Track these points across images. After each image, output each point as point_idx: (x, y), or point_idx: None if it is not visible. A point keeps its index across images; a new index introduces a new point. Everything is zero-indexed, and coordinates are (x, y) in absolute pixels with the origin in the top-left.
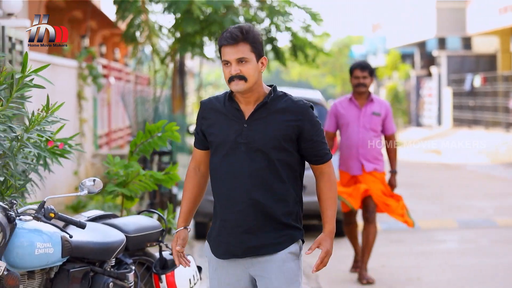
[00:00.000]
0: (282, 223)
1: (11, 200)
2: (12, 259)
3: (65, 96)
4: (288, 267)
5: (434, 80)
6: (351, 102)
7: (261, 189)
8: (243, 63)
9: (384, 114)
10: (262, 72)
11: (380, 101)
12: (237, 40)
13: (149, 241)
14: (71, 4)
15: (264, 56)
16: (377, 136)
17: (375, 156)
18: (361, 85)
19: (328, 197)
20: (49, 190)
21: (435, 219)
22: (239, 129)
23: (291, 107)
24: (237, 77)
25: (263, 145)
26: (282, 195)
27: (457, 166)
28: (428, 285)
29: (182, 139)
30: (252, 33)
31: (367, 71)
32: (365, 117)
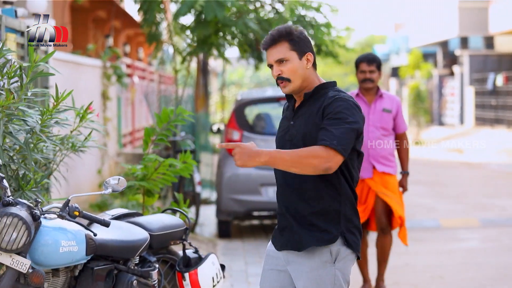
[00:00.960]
0: (311, 224)
1: (36, 199)
2: (37, 257)
3: (90, 95)
4: (316, 275)
5: (457, 79)
6: (359, 98)
7: (298, 186)
8: (283, 63)
9: (395, 111)
10: (309, 68)
11: (391, 97)
12: (274, 41)
13: (173, 239)
14: (96, 4)
15: (309, 52)
16: (388, 135)
17: (387, 157)
18: (368, 81)
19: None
20: (73, 188)
21: (457, 218)
22: (287, 127)
23: (321, 100)
24: (279, 78)
25: (300, 140)
26: (312, 193)
27: (479, 165)
28: (451, 284)
29: (205, 138)
30: (290, 31)
31: (374, 65)
32: (375, 114)
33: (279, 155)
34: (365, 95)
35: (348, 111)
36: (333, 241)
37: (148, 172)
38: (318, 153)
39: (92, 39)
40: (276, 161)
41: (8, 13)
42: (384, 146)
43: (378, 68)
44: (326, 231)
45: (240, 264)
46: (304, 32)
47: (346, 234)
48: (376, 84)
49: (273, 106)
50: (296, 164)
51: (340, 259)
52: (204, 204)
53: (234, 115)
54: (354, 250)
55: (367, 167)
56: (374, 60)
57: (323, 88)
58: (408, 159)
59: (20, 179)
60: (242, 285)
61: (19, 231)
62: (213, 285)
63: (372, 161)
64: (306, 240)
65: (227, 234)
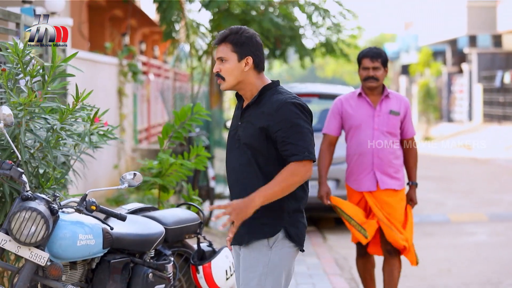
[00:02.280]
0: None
1: (54, 193)
2: (55, 250)
3: (106, 92)
4: (252, 257)
5: (465, 77)
6: (361, 98)
7: (242, 184)
8: (223, 62)
9: (404, 113)
10: (247, 71)
11: (398, 97)
12: (221, 41)
13: (188, 233)
14: (112, 3)
15: (250, 56)
16: (396, 142)
17: (394, 167)
18: (371, 79)
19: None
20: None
21: (466, 213)
22: (236, 126)
23: (268, 105)
24: (217, 75)
25: (246, 142)
26: (255, 189)
27: (487, 161)
28: (459, 277)
29: (219, 134)
30: (236, 34)
31: (379, 61)
32: (380, 117)
33: (269, 191)
34: (369, 95)
35: (299, 116)
36: (273, 234)
37: (163, 168)
38: (297, 170)
39: (109, 37)
40: (270, 197)
41: (27, 12)
42: (390, 154)
43: (384, 65)
44: (267, 224)
45: None
46: (252, 37)
47: (289, 228)
48: (381, 83)
49: None
50: (286, 189)
51: (277, 245)
52: (218, 199)
53: None
54: (297, 244)
55: (370, 178)
56: (378, 55)
57: (267, 90)
58: (416, 168)
59: (40, 177)
60: None
61: (37, 225)
62: (226, 277)
63: (376, 172)
64: (246, 237)
65: None
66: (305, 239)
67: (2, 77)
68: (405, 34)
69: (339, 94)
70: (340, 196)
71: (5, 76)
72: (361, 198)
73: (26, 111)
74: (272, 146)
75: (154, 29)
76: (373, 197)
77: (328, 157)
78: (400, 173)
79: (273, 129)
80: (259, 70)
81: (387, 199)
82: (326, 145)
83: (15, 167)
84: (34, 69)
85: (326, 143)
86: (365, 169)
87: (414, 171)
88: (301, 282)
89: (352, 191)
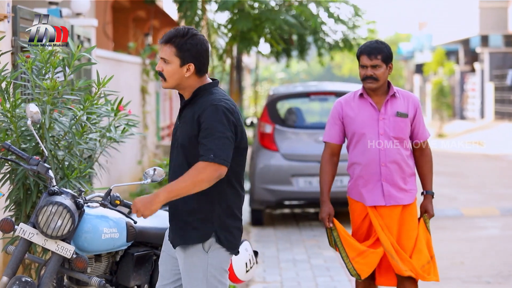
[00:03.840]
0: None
1: (79, 188)
2: (80, 243)
3: (130, 90)
4: (190, 262)
5: (477, 76)
6: (363, 100)
7: None
8: (166, 63)
9: (413, 114)
10: (188, 76)
11: (406, 96)
12: (166, 41)
13: None
14: (136, 4)
15: (192, 63)
16: (405, 148)
17: (404, 177)
18: (369, 79)
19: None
20: (114, 179)
21: (478, 207)
22: (176, 125)
23: (199, 105)
24: (159, 74)
25: (181, 142)
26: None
27: (498, 157)
28: (471, 269)
29: None
30: (182, 38)
31: (379, 58)
32: (386, 120)
33: (175, 187)
34: (372, 96)
35: (219, 120)
36: (204, 240)
37: None
38: (203, 169)
39: (132, 37)
40: (176, 193)
41: (54, 13)
42: (400, 162)
43: (386, 61)
44: (198, 229)
45: (272, 251)
46: (198, 44)
47: (219, 232)
48: (382, 83)
49: (303, 101)
50: (192, 186)
51: (213, 249)
52: None
53: (267, 109)
54: (228, 249)
55: (376, 191)
56: (378, 51)
57: (202, 90)
58: (431, 175)
59: (65, 168)
60: (274, 270)
61: (64, 219)
62: (246, 270)
63: (384, 184)
64: (178, 240)
65: (260, 222)
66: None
67: (27, 64)
68: (419, 34)
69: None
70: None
71: (29, 64)
72: (366, 215)
73: (50, 96)
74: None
75: None
76: (378, 214)
77: (330, 170)
78: (410, 183)
79: (199, 129)
80: (201, 74)
81: (395, 216)
82: (328, 155)
83: (42, 163)
84: (55, 60)
85: (327, 153)
86: (370, 180)
87: (429, 179)
88: (319, 274)
89: (355, 205)
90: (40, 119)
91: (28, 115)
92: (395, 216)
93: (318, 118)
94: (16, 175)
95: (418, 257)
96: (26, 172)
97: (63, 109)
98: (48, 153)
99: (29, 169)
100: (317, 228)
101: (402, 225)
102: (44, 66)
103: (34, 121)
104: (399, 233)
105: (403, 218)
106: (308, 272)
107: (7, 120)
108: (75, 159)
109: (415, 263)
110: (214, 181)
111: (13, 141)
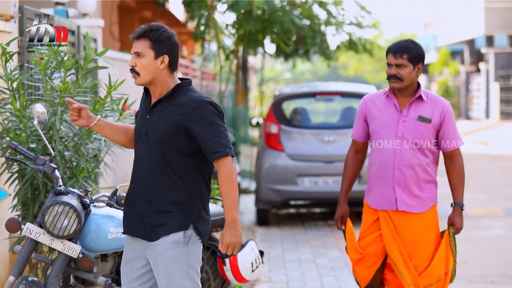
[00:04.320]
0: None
1: (86, 188)
2: (86, 243)
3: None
4: (172, 256)
5: (483, 76)
6: (389, 99)
7: (151, 177)
8: (140, 57)
9: (439, 120)
10: (162, 69)
11: (435, 100)
12: (140, 36)
13: (215, 227)
14: (142, 5)
15: (166, 55)
16: (424, 154)
17: (419, 183)
18: (393, 78)
19: (224, 194)
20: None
21: (482, 207)
22: (143, 120)
23: (185, 102)
24: (131, 70)
25: (156, 136)
26: (166, 184)
27: (503, 157)
28: (476, 269)
29: (245, 131)
30: (156, 31)
31: (404, 57)
32: (406, 123)
33: (233, 198)
34: (398, 97)
35: (216, 115)
36: (185, 228)
37: None
38: (228, 168)
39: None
40: (237, 202)
41: (60, 13)
42: (416, 168)
43: (413, 61)
44: (178, 218)
45: (277, 250)
46: (171, 37)
47: (197, 223)
48: (407, 83)
49: (309, 101)
50: (235, 184)
51: (192, 241)
52: (244, 194)
53: (272, 109)
54: (203, 240)
55: (388, 196)
56: (404, 49)
57: (180, 87)
58: (461, 186)
59: (73, 168)
60: (279, 270)
61: (70, 219)
62: (252, 270)
63: (397, 188)
64: (158, 232)
65: (266, 222)
66: (327, 232)
67: (40, 66)
68: (424, 34)
69: (360, 92)
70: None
71: (43, 65)
72: (376, 219)
73: (62, 98)
74: (183, 140)
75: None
76: (390, 219)
77: (352, 167)
78: (428, 191)
79: (191, 126)
80: (172, 69)
81: (407, 223)
82: (352, 152)
83: (48, 163)
84: (68, 63)
85: (352, 150)
86: (384, 183)
87: (459, 190)
88: (324, 274)
89: (367, 209)
90: (47, 119)
91: (35, 115)
92: (407, 224)
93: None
94: (25, 175)
95: (429, 274)
96: (34, 172)
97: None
98: (57, 153)
99: (35, 169)
100: (323, 228)
101: (415, 235)
102: (57, 68)
103: (41, 121)
104: (412, 244)
105: (417, 228)
106: (313, 272)
107: (17, 120)
108: (82, 158)
109: (422, 280)
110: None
111: (22, 141)
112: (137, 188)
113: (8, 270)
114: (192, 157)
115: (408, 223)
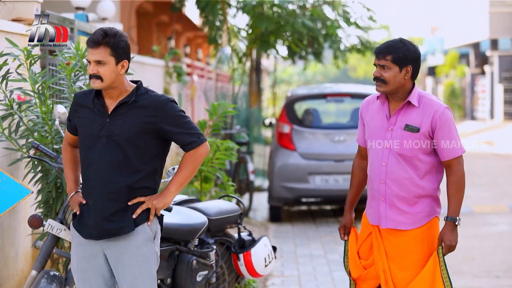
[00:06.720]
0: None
1: None
2: None
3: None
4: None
5: (487, 78)
6: (381, 104)
7: (105, 179)
8: (101, 64)
9: (431, 127)
10: (122, 73)
11: (428, 104)
12: (98, 43)
13: (229, 223)
14: (159, 9)
15: (126, 60)
16: (415, 167)
17: (408, 199)
18: (376, 80)
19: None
20: None
21: (488, 204)
22: (100, 123)
23: (151, 103)
24: (94, 76)
25: (123, 138)
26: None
27: (508, 156)
28: (482, 265)
29: (258, 131)
30: (114, 37)
31: (388, 58)
32: (394, 131)
33: (182, 177)
34: (390, 101)
35: (181, 110)
36: (148, 219)
37: (206, 159)
38: (202, 154)
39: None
40: (184, 182)
41: (81, 18)
42: (404, 182)
43: (399, 63)
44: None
45: (290, 246)
46: (126, 40)
47: (160, 217)
48: (393, 87)
49: (320, 102)
50: (195, 170)
51: (157, 236)
52: (257, 191)
53: (285, 110)
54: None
55: (376, 210)
56: (388, 51)
57: (139, 89)
58: (458, 199)
59: None
60: (291, 265)
61: None
62: (265, 265)
63: (382, 204)
64: (127, 227)
65: (278, 218)
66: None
67: (67, 70)
68: (431, 38)
69: (369, 94)
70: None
71: (69, 70)
72: (369, 233)
73: None
74: (149, 139)
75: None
76: (379, 234)
77: (358, 175)
78: (421, 206)
79: (161, 125)
80: (126, 72)
81: (394, 239)
82: (358, 158)
83: None
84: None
85: (357, 156)
86: (373, 197)
87: (453, 202)
88: (335, 269)
89: (364, 222)
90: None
91: (56, 116)
92: (395, 241)
93: (334, 118)
94: (50, 175)
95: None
96: (56, 171)
97: None
98: None
99: (56, 167)
100: (333, 225)
101: (404, 252)
102: (83, 72)
103: (62, 121)
104: (400, 262)
105: (406, 245)
106: (324, 267)
107: (43, 122)
108: None
109: None
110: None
111: (47, 143)
112: (96, 192)
113: (30, 265)
114: (156, 155)
115: (395, 239)
